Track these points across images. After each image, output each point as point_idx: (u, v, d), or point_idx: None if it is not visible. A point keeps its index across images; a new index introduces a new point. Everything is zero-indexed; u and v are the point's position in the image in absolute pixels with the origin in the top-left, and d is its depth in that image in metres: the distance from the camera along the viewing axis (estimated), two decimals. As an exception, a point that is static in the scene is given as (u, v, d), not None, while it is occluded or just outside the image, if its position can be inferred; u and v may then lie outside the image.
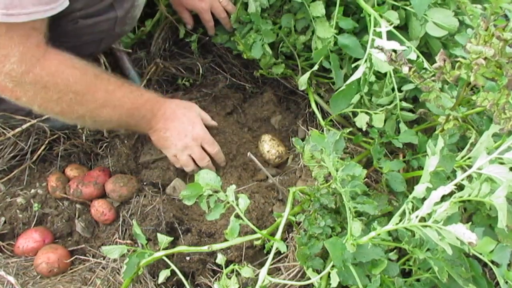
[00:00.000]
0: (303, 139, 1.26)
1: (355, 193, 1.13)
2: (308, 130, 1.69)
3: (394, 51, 1.12)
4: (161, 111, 1.41)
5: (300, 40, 1.67)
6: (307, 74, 1.59)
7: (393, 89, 1.44)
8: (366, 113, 1.42)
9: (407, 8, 1.48)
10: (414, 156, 1.41)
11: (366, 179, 1.37)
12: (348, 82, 1.36)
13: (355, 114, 1.48)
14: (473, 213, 1.21)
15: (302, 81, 1.61)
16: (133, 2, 1.38)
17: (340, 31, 1.54)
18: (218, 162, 1.52)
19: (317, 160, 1.22)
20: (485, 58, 0.91)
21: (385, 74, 1.44)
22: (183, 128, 1.43)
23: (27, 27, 1.11)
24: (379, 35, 1.37)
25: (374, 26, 1.39)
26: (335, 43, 1.53)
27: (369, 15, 1.43)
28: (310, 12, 1.57)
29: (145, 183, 1.49)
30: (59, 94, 1.20)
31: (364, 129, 1.43)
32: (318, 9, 1.57)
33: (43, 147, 1.56)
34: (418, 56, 1.38)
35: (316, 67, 1.56)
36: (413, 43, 1.46)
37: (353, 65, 1.55)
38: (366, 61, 1.34)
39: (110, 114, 1.32)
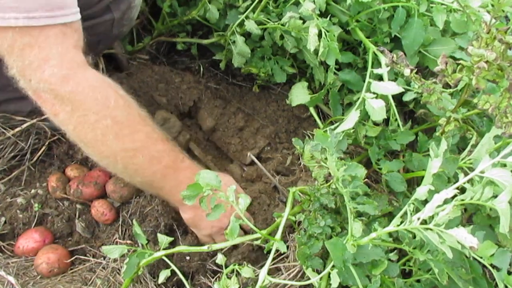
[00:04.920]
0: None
1: (355, 193, 1.13)
2: (305, 130, 1.70)
3: (396, 54, 1.12)
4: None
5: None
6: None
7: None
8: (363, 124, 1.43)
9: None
10: (414, 155, 1.42)
11: (366, 179, 1.37)
12: (339, 129, 1.33)
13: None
14: (473, 213, 1.22)
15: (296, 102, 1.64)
16: (129, 4, 1.36)
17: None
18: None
19: (317, 160, 1.22)
20: (487, 62, 0.91)
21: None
22: (222, 225, 1.29)
23: (60, 26, 1.04)
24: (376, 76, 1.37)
25: (373, 62, 1.40)
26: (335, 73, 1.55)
27: (369, 49, 1.44)
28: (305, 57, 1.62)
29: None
30: (96, 116, 1.08)
31: (362, 144, 1.43)
32: (311, 58, 1.60)
33: (43, 147, 1.56)
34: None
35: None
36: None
37: (354, 98, 1.58)
38: (358, 107, 1.32)
39: (144, 165, 1.17)
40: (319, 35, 1.39)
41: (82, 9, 1.25)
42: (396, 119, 1.42)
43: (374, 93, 1.27)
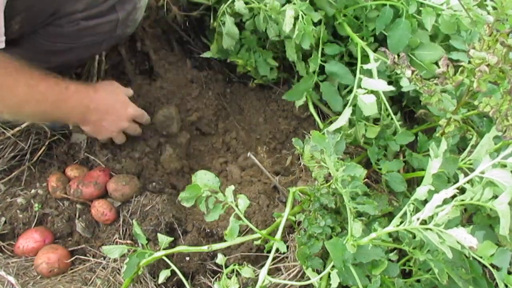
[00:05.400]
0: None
1: (355, 194, 1.14)
2: (305, 130, 1.70)
3: (398, 54, 1.12)
4: (93, 104, 1.38)
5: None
6: (303, 99, 1.61)
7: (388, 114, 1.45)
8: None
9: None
10: (414, 156, 1.42)
11: (366, 180, 1.37)
12: (333, 127, 1.35)
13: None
14: (473, 213, 1.22)
15: (298, 103, 1.64)
16: (134, 5, 1.37)
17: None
18: (145, 124, 1.56)
19: (317, 161, 1.22)
20: (488, 65, 0.90)
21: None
22: (117, 116, 1.45)
23: None
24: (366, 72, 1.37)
25: (362, 57, 1.39)
26: (322, 72, 1.53)
27: (357, 45, 1.43)
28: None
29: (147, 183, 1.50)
30: None
31: (361, 143, 1.43)
32: (291, 52, 1.58)
33: (43, 147, 1.56)
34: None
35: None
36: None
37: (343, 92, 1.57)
38: (351, 103, 1.32)
39: (33, 109, 1.28)
40: (296, 18, 1.38)
41: (88, 8, 1.26)
42: (388, 114, 1.41)
43: (365, 88, 1.27)
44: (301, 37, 1.42)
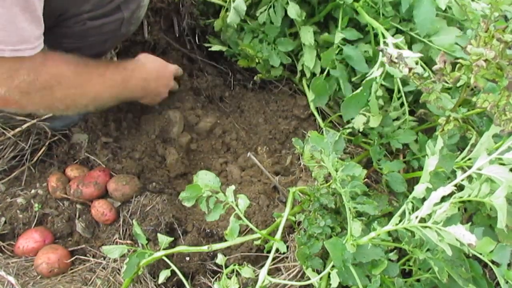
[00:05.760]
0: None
1: (355, 193, 1.13)
2: (305, 130, 1.70)
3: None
4: (148, 75, 1.52)
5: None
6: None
7: (401, 105, 1.44)
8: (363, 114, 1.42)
9: (412, 33, 1.48)
10: (415, 156, 1.41)
11: (366, 180, 1.37)
12: (363, 82, 1.34)
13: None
14: (473, 213, 1.21)
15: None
16: (139, 3, 1.39)
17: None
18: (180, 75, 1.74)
19: (317, 160, 1.22)
20: (486, 60, 0.91)
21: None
22: (166, 78, 1.62)
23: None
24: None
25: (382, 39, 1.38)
26: (340, 52, 1.51)
27: (373, 29, 1.41)
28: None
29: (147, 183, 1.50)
30: (63, 92, 1.24)
31: (361, 129, 1.43)
32: (307, 37, 1.56)
33: (43, 147, 1.56)
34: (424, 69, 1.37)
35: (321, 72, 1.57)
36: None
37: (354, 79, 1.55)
38: (379, 67, 1.31)
39: (109, 95, 1.39)
40: None
41: (94, 8, 1.28)
42: (400, 97, 1.40)
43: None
44: None
